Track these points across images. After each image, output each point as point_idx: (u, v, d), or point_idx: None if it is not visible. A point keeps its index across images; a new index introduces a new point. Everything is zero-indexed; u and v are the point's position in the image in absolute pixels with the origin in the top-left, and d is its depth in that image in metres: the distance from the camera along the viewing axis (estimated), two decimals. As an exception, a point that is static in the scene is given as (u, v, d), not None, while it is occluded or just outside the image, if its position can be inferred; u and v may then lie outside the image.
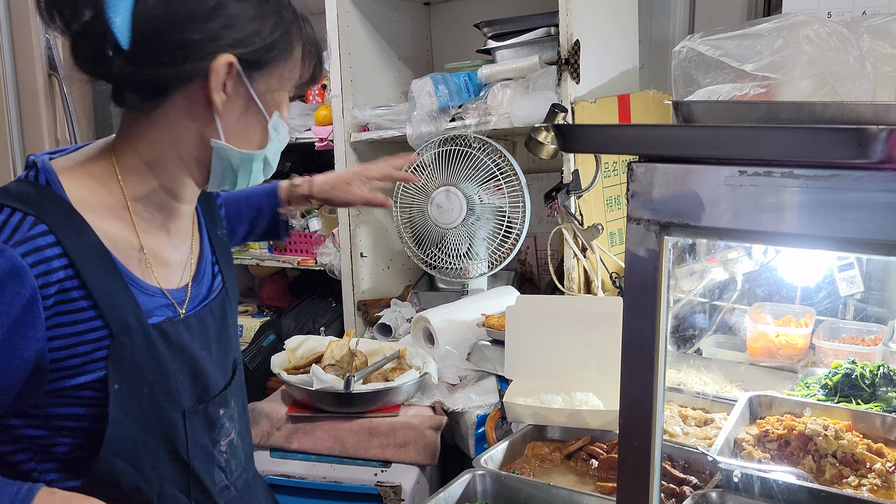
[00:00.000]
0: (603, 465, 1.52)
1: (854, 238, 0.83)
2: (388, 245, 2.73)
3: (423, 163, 2.36)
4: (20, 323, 1.01)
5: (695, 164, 0.89)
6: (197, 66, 1.08)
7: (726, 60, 1.70)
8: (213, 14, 1.08)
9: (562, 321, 1.78)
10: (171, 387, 1.15)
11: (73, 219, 1.07)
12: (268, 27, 1.12)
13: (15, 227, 1.02)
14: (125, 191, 1.14)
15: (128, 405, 1.11)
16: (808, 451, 1.47)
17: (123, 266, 1.12)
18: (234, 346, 1.33)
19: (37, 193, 1.07)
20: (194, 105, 1.11)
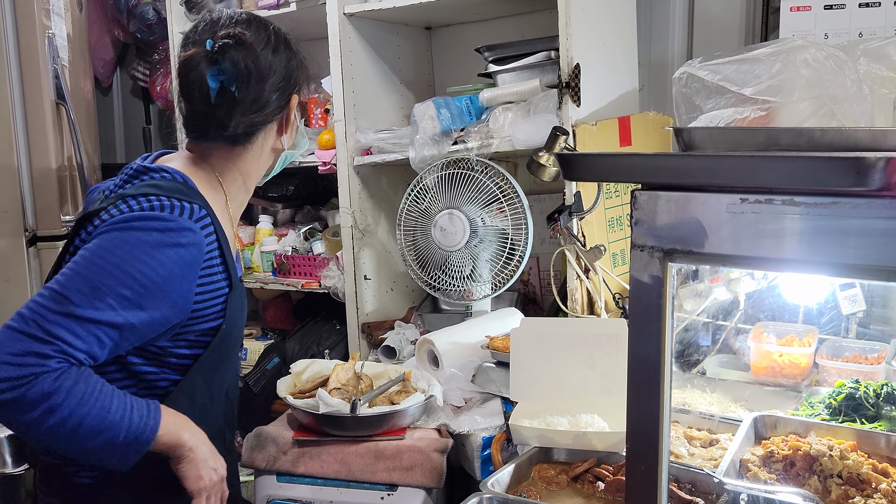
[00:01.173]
0: (610, 486, 1.53)
1: (854, 264, 0.84)
2: (392, 267, 2.75)
3: (426, 186, 2.38)
4: (187, 278, 1.38)
5: (697, 192, 0.91)
6: (281, 109, 1.58)
7: (726, 85, 1.73)
8: (286, 73, 1.56)
9: (566, 343, 1.79)
10: (241, 330, 1.60)
11: (211, 209, 1.47)
12: (299, 64, 1.60)
13: (191, 211, 1.41)
14: (227, 192, 1.57)
15: (222, 341, 1.49)
16: (813, 472, 1.47)
17: (228, 244, 1.50)
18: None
19: (187, 189, 1.46)
20: (273, 131, 1.60)
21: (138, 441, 1.32)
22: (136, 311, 1.32)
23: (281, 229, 3.07)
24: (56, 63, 2.38)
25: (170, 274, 1.35)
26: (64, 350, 1.27)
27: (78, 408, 1.27)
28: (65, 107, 2.40)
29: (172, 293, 1.37)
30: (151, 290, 1.34)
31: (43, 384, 1.25)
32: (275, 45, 1.55)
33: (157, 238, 1.35)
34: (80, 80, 2.74)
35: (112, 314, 1.30)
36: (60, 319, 1.27)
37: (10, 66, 2.30)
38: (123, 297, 1.31)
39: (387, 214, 2.72)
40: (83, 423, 1.28)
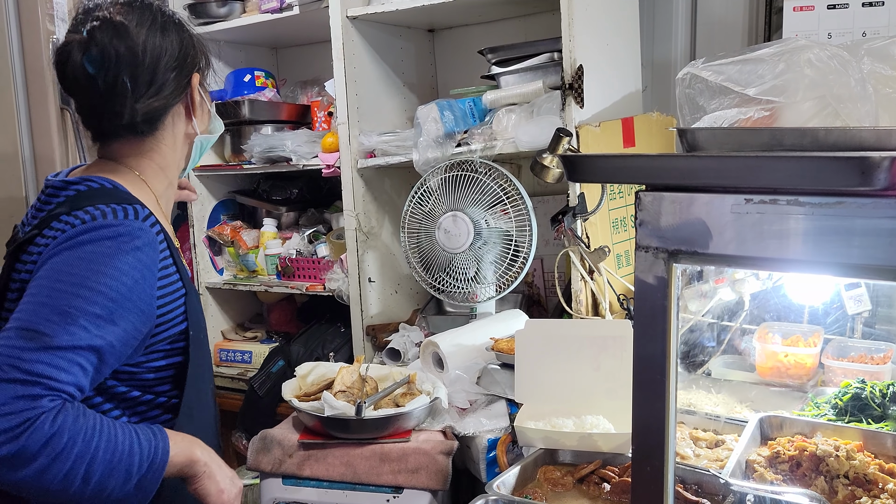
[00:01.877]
0: (615, 488, 1.52)
1: (859, 264, 0.84)
2: (396, 270, 2.75)
3: (429, 188, 2.39)
4: (148, 282, 1.35)
5: (701, 193, 0.91)
6: (181, 91, 1.52)
7: (729, 85, 1.73)
8: (180, 52, 1.50)
9: (571, 345, 1.79)
10: (206, 333, 1.57)
11: (146, 207, 1.43)
12: (196, 43, 1.56)
13: (135, 212, 1.37)
14: (154, 190, 1.52)
15: (196, 348, 1.47)
16: (819, 472, 1.47)
17: (177, 248, 1.50)
18: None
19: (119, 193, 1.42)
20: (180, 116, 1.55)
21: (153, 467, 1.27)
22: (111, 328, 1.27)
23: (285, 232, 3.07)
24: (64, 105, 2.39)
25: (133, 281, 1.31)
26: (52, 387, 1.19)
27: (86, 446, 1.20)
28: (69, 112, 2.41)
29: (139, 301, 1.32)
30: (120, 303, 1.28)
31: (42, 428, 1.16)
32: (162, 25, 1.48)
33: (111, 247, 1.30)
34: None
35: (89, 337, 1.24)
36: (38, 356, 1.19)
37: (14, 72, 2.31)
38: (95, 315, 1.25)
39: (391, 217, 2.72)
40: (95, 462, 1.21)
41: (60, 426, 1.18)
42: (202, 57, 1.56)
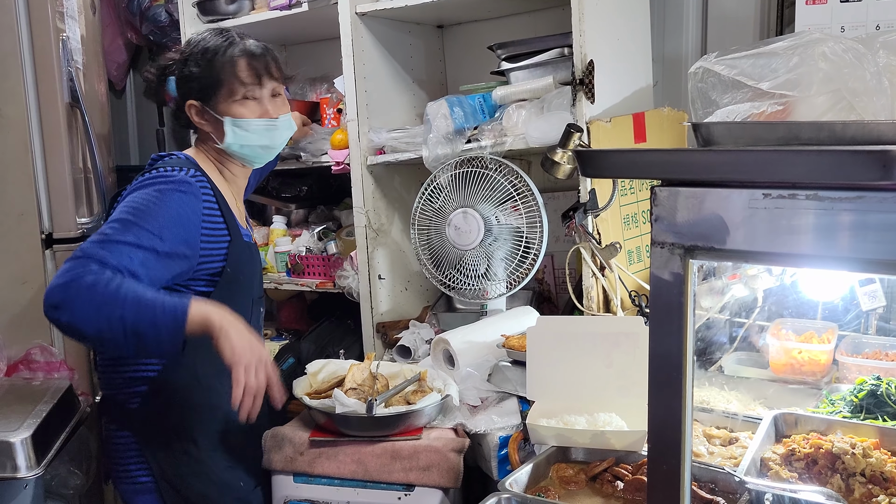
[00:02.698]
0: (629, 486, 1.51)
1: (879, 259, 0.83)
2: (406, 267, 2.74)
3: (439, 185, 2.38)
4: (192, 221, 1.78)
5: (718, 188, 0.89)
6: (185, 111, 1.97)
7: (742, 79, 1.71)
8: (183, 78, 1.95)
9: (582, 342, 1.78)
10: (249, 280, 1.98)
11: (207, 176, 1.89)
12: (205, 73, 1.91)
13: (187, 171, 1.84)
14: (219, 170, 2.00)
15: (229, 283, 1.87)
16: (835, 470, 1.46)
17: (230, 207, 1.93)
18: (260, 271, 2.18)
19: (187, 162, 1.90)
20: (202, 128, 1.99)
21: (175, 319, 1.56)
22: (157, 240, 1.68)
23: (295, 230, 3.07)
24: (70, 66, 2.38)
25: (178, 213, 1.74)
26: (102, 260, 1.58)
27: (117, 292, 1.55)
28: (79, 109, 2.40)
29: (183, 230, 1.74)
30: (167, 225, 1.71)
31: (85, 277, 1.55)
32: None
33: (163, 188, 1.77)
34: (94, 83, 2.75)
35: (137, 238, 1.65)
36: (99, 246, 1.61)
37: (25, 70, 2.31)
38: (146, 229, 1.67)
39: (400, 214, 2.71)
40: (126, 305, 1.54)
41: (98, 278, 1.55)
42: (195, 86, 1.92)
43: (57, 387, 2.24)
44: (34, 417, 2.01)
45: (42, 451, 1.97)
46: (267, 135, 1.95)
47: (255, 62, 1.92)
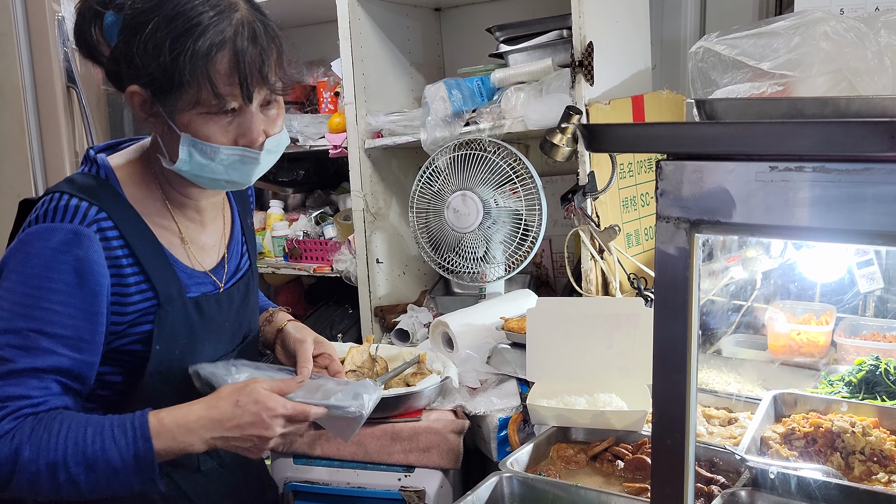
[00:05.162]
0: (629, 465, 1.52)
1: (886, 231, 0.83)
2: (404, 250, 2.74)
3: (437, 168, 2.37)
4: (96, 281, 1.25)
5: (724, 161, 0.89)
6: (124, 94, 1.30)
7: (743, 59, 1.70)
8: (123, 51, 1.26)
9: (582, 323, 1.78)
10: (198, 350, 1.40)
11: (126, 210, 1.31)
12: (165, 56, 1.22)
13: (84, 212, 1.25)
14: (161, 189, 1.39)
15: (162, 360, 1.34)
16: (835, 449, 1.46)
17: (167, 250, 1.36)
18: (250, 319, 1.55)
19: (98, 186, 1.30)
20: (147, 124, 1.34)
21: (140, 460, 1.21)
22: (74, 342, 1.25)
23: (292, 214, 3.06)
24: (66, 46, 2.36)
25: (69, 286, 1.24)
26: (14, 409, 1.20)
27: (52, 453, 1.19)
28: (76, 90, 2.39)
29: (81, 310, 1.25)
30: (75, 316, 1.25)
31: (3, 450, 1.18)
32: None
33: (49, 256, 1.23)
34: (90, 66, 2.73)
35: (51, 358, 1.23)
36: (3, 382, 1.21)
37: (20, 51, 2.29)
38: (54, 335, 1.23)
39: (398, 197, 2.71)
40: (69, 465, 1.19)
41: (19, 443, 1.19)
42: (145, 69, 1.25)
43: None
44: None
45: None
46: (238, 169, 1.32)
47: (247, 62, 1.25)
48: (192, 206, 1.42)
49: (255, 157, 1.32)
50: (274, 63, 1.29)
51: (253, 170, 1.34)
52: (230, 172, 1.32)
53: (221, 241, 1.49)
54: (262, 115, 1.31)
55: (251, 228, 1.62)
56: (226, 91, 1.24)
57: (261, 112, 1.31)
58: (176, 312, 1.35)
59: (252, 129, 1.29)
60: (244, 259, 1.54)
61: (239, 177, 1.34)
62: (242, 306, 1.50)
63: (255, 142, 1.30)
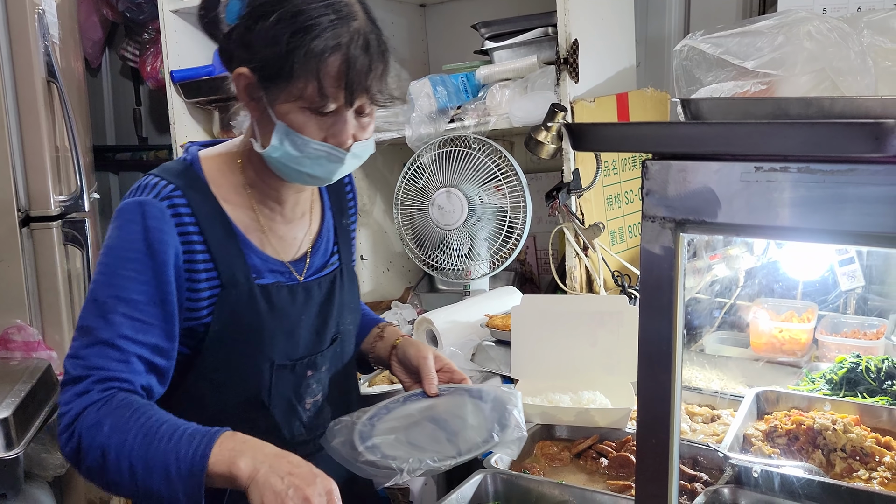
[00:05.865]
0: (613, 463, 1.52)
1: (870, 232, 0.83)
2: (388, 247, 2.73)
3: (422, 165, 2.36)
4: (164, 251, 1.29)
5: (710, 161, 0.89)
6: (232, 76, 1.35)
7: (727, 58, 1.71)
8: (242, 34, 1.31)
9: (567, 321, 1.78)
10: (265, 340, 1.38)
11: (203, 192, 1.36)
12: (281, 46, 1.26)
13: (160, 189, 1.32)
14: (244, 175, 1.41)
15: (223, 344, 1.35)
16: (817, 446, 1.47)
17: (241, 233, 1.38)
18: (340, 320, 1.50)
19: (181, 170, 1.38)
20: (246, 108, 1.37)
21: (192, 474, 1.15)
22: (154, 310, 1.28)
23: (275, 210, 3.04)
24: (47, 40, 2.33)
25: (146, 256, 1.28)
26: (102, 377, 1.23)
27: (122, 436, 1.18)
28: (56, 85, 2.36)
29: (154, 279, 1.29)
30: (154, 284, 1.29)
31: (87, 418, 1.20)
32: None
33: (124, 223, 1.30)
34: (70, 60, 2.70)
35: (116, 326, 1.26)
36: (89, 350, 1.25)
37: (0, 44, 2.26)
38: (122, 300, 1.26)
39: (383, 194, 2.70)
40: (133, 455, 1.17)
41: (102, 416, 1.20)
42: (260, 55, 1.28)
43: (35, 367, 2.21)
44: (13, 397, 1.98)
45: (21, 431, 1.94)
46: (322, 165, 1.35)
47: (356, 69, 1.28)
48: (274, 197, 1.43)
49: (341, 157, 1.34)
50: (379, 76, 1.33)
51: (336, 168, 1.36)
52: (314, 167, 1.35)
53: (306, 237, 1.49)
54: (355, 121, 1.35)
55: (346, 228, 1.58)
56: (331, 92, 1.28)
57: (354, 117, 1.34)
58: (240, 296, 1.35)
59: (344, 131, 1.33)
60: (333, 258, 1.52)
61: (322, 172, 1.37)
62: (326, 304, 1.46)
63: (343, 143, 1.33)
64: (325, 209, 1.55)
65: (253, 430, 1.31)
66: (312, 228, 1.50)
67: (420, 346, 1.56)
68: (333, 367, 1.49)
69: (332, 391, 1.49)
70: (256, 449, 1.17)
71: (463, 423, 1.35)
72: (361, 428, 1.35)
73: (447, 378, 1.50)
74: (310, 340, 1.44)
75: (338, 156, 1.33)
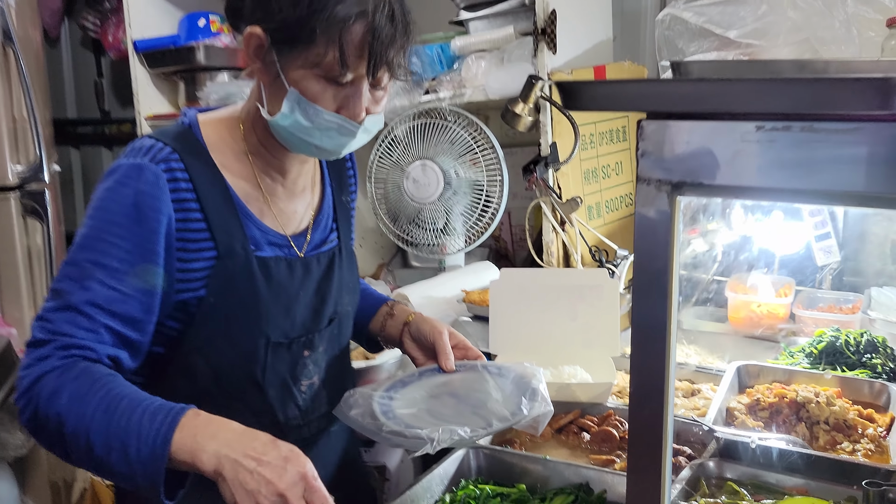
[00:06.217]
0: (595, 437, 1.50)
1: (874, 193, 0.80)
2: (360, 222, 2.67)
3: (396, 137, 2.31)
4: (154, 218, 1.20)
5: (708, 121, 0.85)
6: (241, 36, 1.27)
7: (710, 27, 1.68)
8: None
9: (546, 295, 1.75)
10: (261, 315, 1.30)
11: (201, 155, 1.28)
12: (303, 8, 1.19)
13: (156, 152, 1.24)
14: (246, 142, 1.34)
15: (217, 317, 1.27)
16: (800, 419, 1.46)
17: (241, 202, 1.30)
18: (338, 300, 1.42)
19: (179, 133, 1.30)
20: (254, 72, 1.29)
21: (153, 458, 1.05)
22: (129, 279, 1.18)
23: (244, 185, 2.96)
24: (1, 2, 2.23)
25: (134, 221, 1.20)
26: (65, 344, 1.14)
27: (82, 406, 1.09)
28: (12, 49, 2.25)
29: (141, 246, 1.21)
30: (125, 248, 1.19)
31: (47, 385, 1.11)
32: None
33: (114, 184, 1.22)
34: (27, 28, 2.58)
35: (105, 291, 1.17)
36: (57, 315, 1.16)
37: (-50, 4, 2.15)
38: (103, 266, 1.17)
39: (355, 168, 2.64)
40: (92, 428, 1.08)
41: (61, 384, 1.11)
42: (277, 15, 1.21)
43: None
44: (-30, 377, 1.91)
45: (-22, 411, 1.88)
46: (332, 138, 1.27)
47: (380, 40, 1.21)
48: (276, 167, 1.35)
49: (353, 130, 1.27)
50: (401, 48, 1.26)
51: (347, 142, 1.29)
52: (323, 139, 1.27)
53: (308, 211, 1.41)
54: (370, 94, 1.27)
55: (346, 206, 1.51)
56: (351, 62, 1.21)
57: (370, 92, 1.27)
58: (236, 267, 1.27)
59: (359, 103, 1.25)
60: (332, 235, 1.44)
61: (331, 145, 1.29)
62: (325, 282, 1.39)
63: (357, 116, 1.25)
64: (325, 185, 1.48)
65: (246, 410, 1.28)
66: (314, 203, 1.43)
67: (434, 322, 1.51)
68: (330, 349, 1.42)
69: (328, 374, 1.42)
70: (220, 434, 1.07)
71: (486, 398, 1.30)
72: (380, 400, 1.30)
73: (462, 355, 1.46)
74: (307, 318, 1.36)
75: (350, 129, 1.26)
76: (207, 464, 1.05)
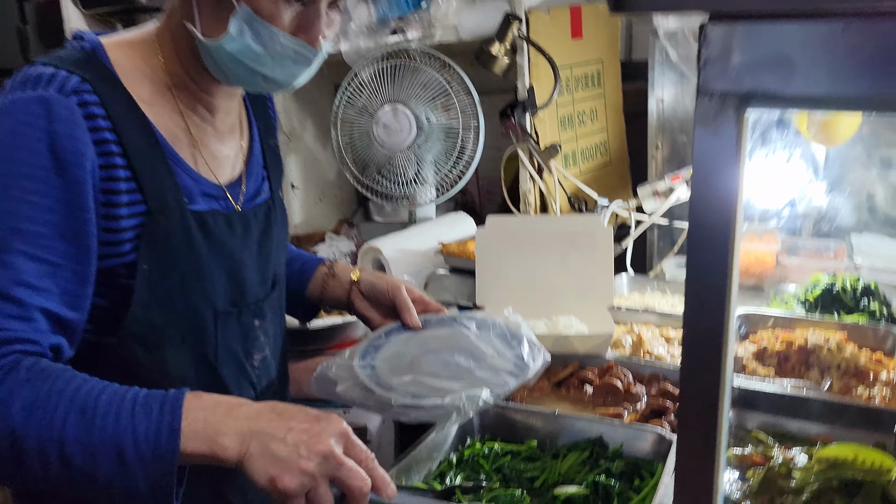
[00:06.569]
0: (598, 390, 1.41)
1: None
2: (321, 175, 2.53)
3: (362, 81, 2.15)
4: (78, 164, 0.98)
5: (784, 19, 0.75)
6: None
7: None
8: None
9: (536, 243, 1.65)
10: (205, 281, 1.10)
11: (116, 88, 1.05)
12: None
13: (62, 81, 1.00)
14: (167, 72, 1.11)
15: (155, 290, 1.05)
16: (810, 366, 1.40)
17: (169, 145, 1.09)
18: (277, 261, 1.26)
19: (82, 59, 1.05)
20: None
21: (159, 457, 0.88)
22: (61, 246, 0.97)
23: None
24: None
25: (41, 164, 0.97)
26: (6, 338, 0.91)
27: (48, 416, 0.88)
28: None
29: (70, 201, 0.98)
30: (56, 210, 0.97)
31: None
32: None
33: (11, 119, 0.98)
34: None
35: (35, 269, 0.95)
36: None
37: None
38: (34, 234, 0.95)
39: (314, 118, 2.48)
40: (66, 439, 0.87)
41: (7, 392, 0.89)
42: None
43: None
44: None
45: None
46: (286, 67, 1.09)
47: None
48: (205, 102, 1.15)
49: (310, 57, 1.10)
50: None
51: (300, 71, 1.11)
52: (275, 69, 1.08)
53: (239, 155, 1.22)
54: (327, 18, 1.11)
55: (274, 150, 1.33)
56: None
57: (328, 13, 1.11)
58: (171, 225, 1.06)
59: (316, 25, 1.09)
60: (265, 184, 1.26)
61: (282, 76, 1.10)
62: (265, 239, 1.22)
63: (315, 40, 1.09)
64: (252, 126, 1.29)
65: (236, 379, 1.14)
66: (244, 145, 1.24)
67: (387, 277, 1.37)
68: (276, 316, 1.27)
69: (274, 345, 1.26)
70: (234, 410, 0.92)
71: (481, 354, 1.18)
72: (363, 371, 1.14)
73: (421, 308, 1.32)
74: (255, 282, 1.19)
75: (306, 56, 1.08)
76: (230, 448, 0.89)
